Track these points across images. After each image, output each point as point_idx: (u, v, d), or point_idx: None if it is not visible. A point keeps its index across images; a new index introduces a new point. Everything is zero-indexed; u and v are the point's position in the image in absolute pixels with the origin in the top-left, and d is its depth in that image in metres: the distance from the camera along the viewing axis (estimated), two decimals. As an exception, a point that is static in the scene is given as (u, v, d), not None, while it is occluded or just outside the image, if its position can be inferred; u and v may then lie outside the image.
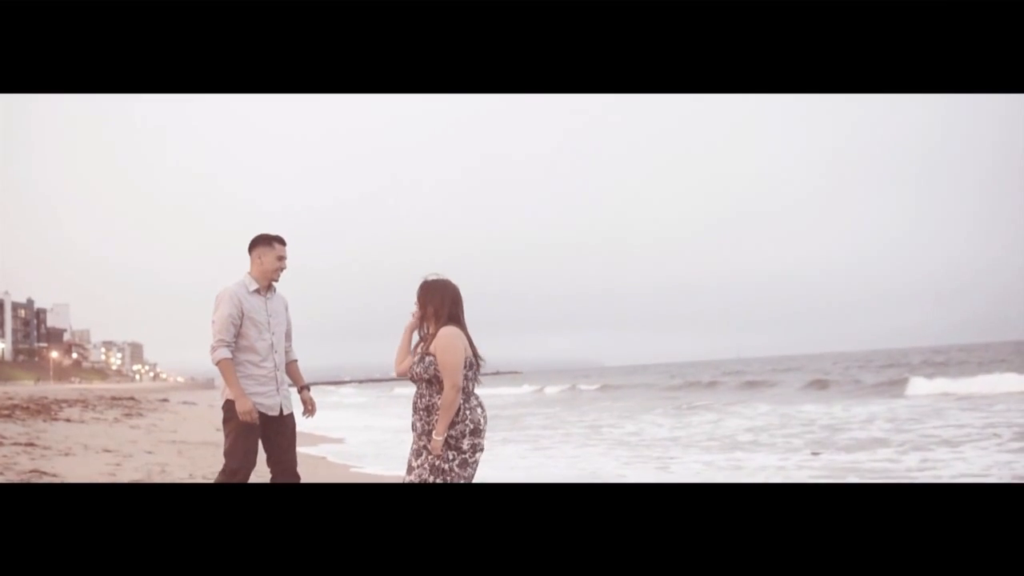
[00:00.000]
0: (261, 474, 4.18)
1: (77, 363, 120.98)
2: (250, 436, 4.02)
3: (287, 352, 4.32)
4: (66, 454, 9.05)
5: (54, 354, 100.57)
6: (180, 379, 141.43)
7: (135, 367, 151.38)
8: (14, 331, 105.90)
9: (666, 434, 14.75)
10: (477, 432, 3.48)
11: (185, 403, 31.88)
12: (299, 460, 4.26)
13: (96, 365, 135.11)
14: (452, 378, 3.41)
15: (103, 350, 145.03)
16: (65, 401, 23.05)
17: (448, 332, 3.45)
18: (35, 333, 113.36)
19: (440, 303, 3.49)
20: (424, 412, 3.50)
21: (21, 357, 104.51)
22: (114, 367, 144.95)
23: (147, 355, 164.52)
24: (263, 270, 4.15)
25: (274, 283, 4.22)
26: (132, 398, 28.99)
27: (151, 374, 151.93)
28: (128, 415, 18.78)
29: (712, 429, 15.31)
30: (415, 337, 3.63)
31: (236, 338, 4.06)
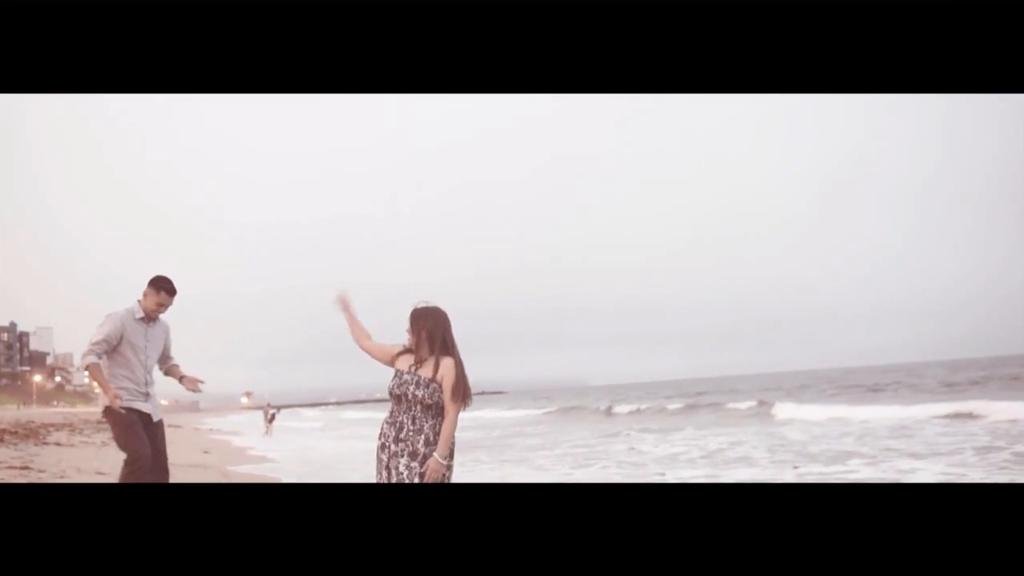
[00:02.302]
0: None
1: (60, 387, 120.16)
2: (136, 427, 4.84)
3: (168, 360, 5.25)
4: (61, 477, 9.58)
5: (37, 378, 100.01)
6: (164, 402, 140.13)
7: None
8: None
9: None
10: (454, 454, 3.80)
11: (170, 426, 32.00)
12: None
13: (79, 388, 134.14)
14: (459, 405, 3.68)
15: (86, 373, 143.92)
16: (52, 425, 23.45)
17: (456, 362, 3.68)
18: (18, 357, 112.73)
19: (433, 328, 3.70)
20: (415, 433, 3.62)
21: (4, 381, 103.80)
22: (97, 390, 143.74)
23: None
24: (146, 307, 4.97)
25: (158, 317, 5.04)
26: (118, 422, 29.23)
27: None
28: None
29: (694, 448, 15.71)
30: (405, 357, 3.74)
31: (109, 353, 4.89)
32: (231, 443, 23.49)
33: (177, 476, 10.62)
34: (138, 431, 4.83)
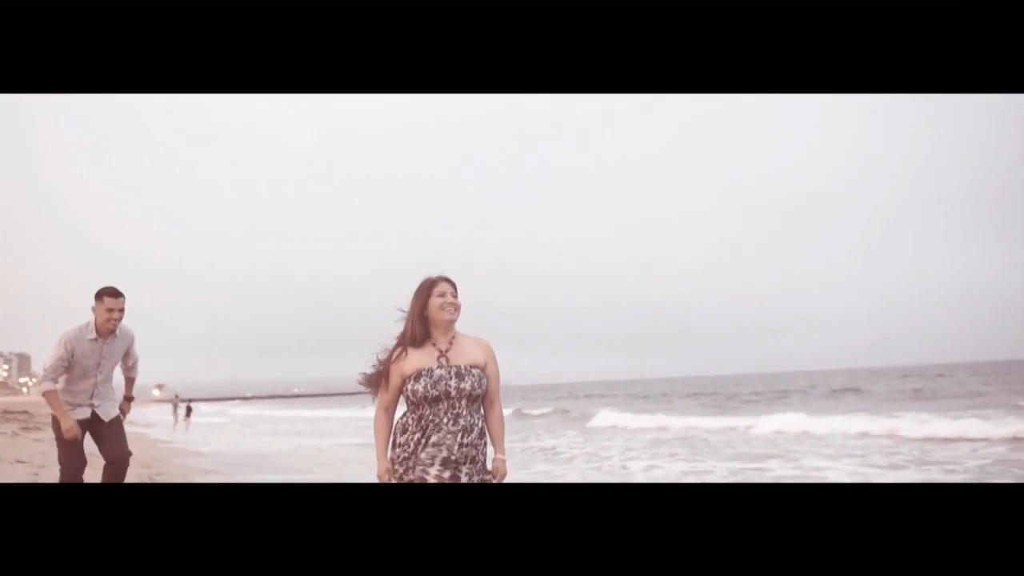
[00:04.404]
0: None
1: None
2: (76, 445, 4.97)
3: (129, 370, 5.35)
4: (-20, 466, 9.38)
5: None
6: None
7: (22, 379, 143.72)
8: None
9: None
10: None
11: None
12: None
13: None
14: (497, 389, 3.14)
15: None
16: (-41, 415, 22.45)
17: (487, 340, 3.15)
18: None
19: (415, 303, 3.09)
20: (475, 434, 3.02)
21: None
22: (0, 379, 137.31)
23: (35, 367, 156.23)
24: (98, 323, 4.97)
25: (114, 331, 5.02)
26: (26, 412, 28.14)
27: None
28: (26, 428, 18.49)
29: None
30: (419, 357, 3.04)
31: (66, 371, 4.92)
32: (148, 436, 22.96)
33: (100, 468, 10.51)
34: (77, 449, 4.98)
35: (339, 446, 17.81)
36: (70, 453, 4.97)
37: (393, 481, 3.00)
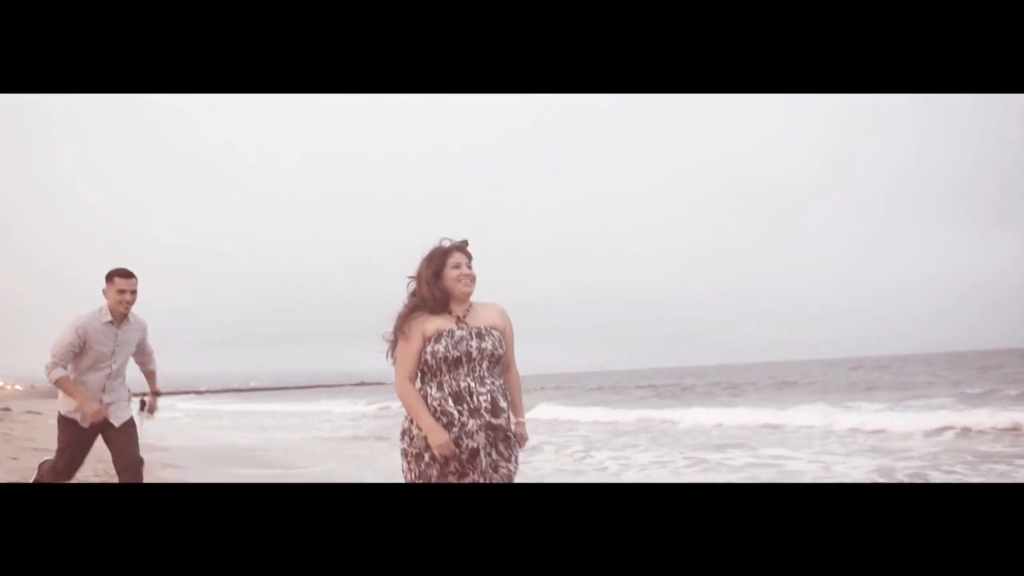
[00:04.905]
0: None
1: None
2: (73, 448, 4.67)
3: (146, 363, 5.02)
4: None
5: None
6: (19, 387, 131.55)
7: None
8: None
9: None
10: None
11: (30, 412, 30.28)
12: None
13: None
14: (513, 354, 3.08)
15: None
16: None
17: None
18: None
19: (425, 269, 2.99)
20: (506, 400, 2.95)
21: None
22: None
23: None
24: (110, 305, 4.62)
25: (129, 314, 4.69)
26: (-26, 409, 27.40)
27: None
28: (-23, 427, 18.07)
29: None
30: (428, 321, 2.91)
31: (77, 359, 4.56)
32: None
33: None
34: (77, 449, 4.70)
35: (310, 439, 17.79)
36: (66, 455, 4.65)
37: (459, 451, 2.83)
